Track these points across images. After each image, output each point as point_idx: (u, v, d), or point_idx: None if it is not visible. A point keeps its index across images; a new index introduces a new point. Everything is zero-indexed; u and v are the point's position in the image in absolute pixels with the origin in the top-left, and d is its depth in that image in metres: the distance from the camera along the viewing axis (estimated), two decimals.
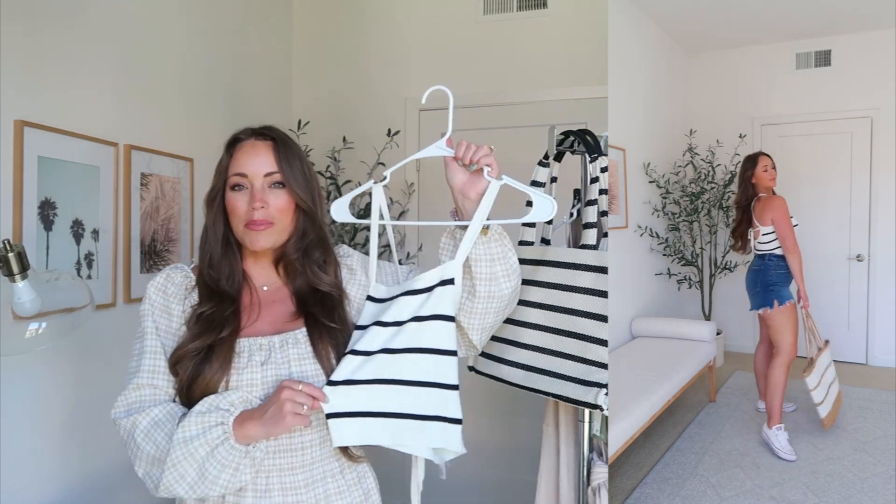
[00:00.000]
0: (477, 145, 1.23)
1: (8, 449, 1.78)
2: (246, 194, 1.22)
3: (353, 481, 1.27)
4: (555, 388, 1.45)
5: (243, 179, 1.22)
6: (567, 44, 3.08)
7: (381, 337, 1.20)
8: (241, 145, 1.26)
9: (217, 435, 1.11)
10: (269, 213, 1.22)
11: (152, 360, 1.20)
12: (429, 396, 1.19)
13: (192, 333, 1.20)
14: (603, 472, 1.59)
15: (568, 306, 1.44)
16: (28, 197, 1.81)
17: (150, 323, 1.22)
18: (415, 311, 1.21)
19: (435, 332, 1.19)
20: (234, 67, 2.85)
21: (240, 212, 1.22)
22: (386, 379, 1.18)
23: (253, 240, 1.22)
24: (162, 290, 1.25)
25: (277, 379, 1.18)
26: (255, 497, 1.17)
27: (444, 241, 1.29)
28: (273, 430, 1.11)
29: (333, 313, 1.25)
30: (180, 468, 1.11)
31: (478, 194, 1.23)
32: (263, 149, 1.24)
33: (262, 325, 1.24)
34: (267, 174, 1.22)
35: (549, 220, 1.55)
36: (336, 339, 1.23)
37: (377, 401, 1.17)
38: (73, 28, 1.99)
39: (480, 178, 1.23)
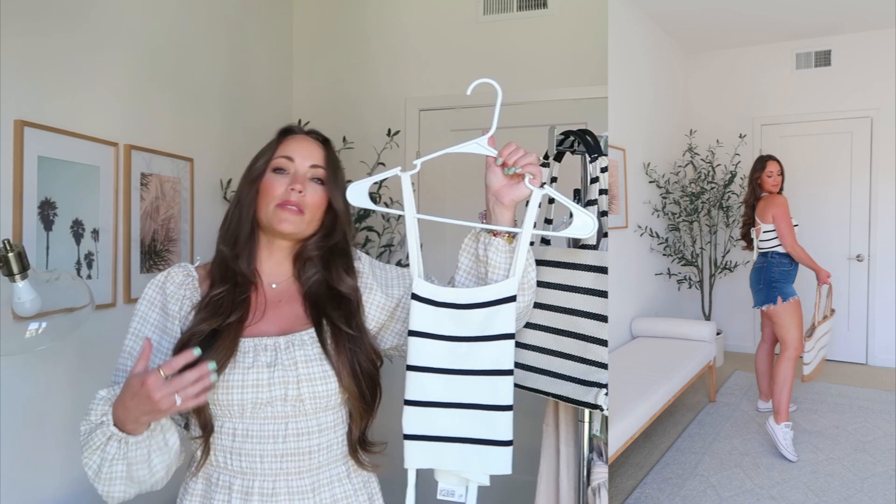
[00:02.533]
0: (525, 151, 1.18)
1: (8, 449, 1.78)
2: (286, 178, 1.23)
3: (359, 486, 1.26)
4: (555, 388, 1.45)
5: (289, 163, 1.24)
6: (567, 44, 3.08)
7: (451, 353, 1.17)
8: (293, 135, 1.29)
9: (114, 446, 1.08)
10: (304, 200, 1.22)
11: (133, 343, 1.22)
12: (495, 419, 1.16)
13: (200, 317, 1.19)
14: (603, 472, 1.59)
15: (568, 306, 1.44)
16: (28, 197, 1.81)
17: (136, 323, 1.23)
18: (481, 327, 1.17)
19: (505, 351, 1.16)
20: (234, 67, 2.85)
21: (276, 192, 1.22)
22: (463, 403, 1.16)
23: (282, 218, 1.21)
24: (161, 289, 1.25)
25: (285, 381, 1.16)
26: (261, 501, 1.16)
27: (467, 242, 1.26)
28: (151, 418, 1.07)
29: (351, 319, 1.23)
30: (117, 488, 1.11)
31: (512, 201, 1.19)
32: (314, 144, 1.28)
33: (267, 325, 1.22)
34: (313, 165, 1.25)
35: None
36: (349, 345, 1.21)
37: (452, 425, 1.16)
38: (73, 28, 1.99)
39: (518, 184, 1.18)
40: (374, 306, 1.30)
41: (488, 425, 1.15)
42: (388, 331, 1.32)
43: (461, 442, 1.16)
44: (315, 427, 1.19)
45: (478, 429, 1.16)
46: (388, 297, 1.31)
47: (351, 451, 1.24)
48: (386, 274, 1.35)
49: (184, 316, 1.23)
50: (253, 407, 1.16)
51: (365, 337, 1.24)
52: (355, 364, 1.20)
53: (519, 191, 1.19)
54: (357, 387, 1.20)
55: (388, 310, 1.31)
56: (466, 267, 1.27)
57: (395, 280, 1.34)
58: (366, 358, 1.22)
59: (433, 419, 1.16)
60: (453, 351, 1.17)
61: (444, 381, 1.17)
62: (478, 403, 1.16)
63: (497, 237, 1.21)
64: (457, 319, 1.18)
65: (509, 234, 1.21)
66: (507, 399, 1.16)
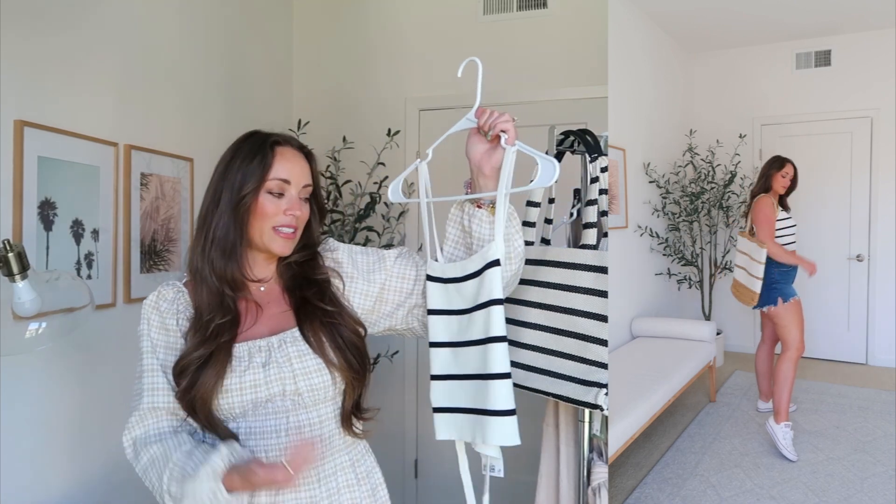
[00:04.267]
0: (499, 112, 1.20)
1: (8, 449, 1.78)
2: (282, 201, 1.23)
3: (363, 475, 1.29)
4: (555, 388, 1.45)
5: (286, 187, 1.23)
6: (567, 44, 3.08)
7: (459, 326, 1.22)
8: (281, 151, 1.24)
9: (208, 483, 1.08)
10: (299, 221, 1.25)
11: (151, 379, 1.21)
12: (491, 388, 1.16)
13: (193, 343, 1.20)
14: (603, 472, 1.59)
15: (568, 306, 1.44)
16: (28, 197, 1.81)
17: (146, 343, 1.24)
18: (474, 296, 1.20)
19: (493, 318, 1.17)
20: (234, 67, 2.85)
21: (272, 215, 1.22)
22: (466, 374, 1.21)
23: (282, 245, 1.24)
24: (156, 308, 1.26)
25: (281, 377, 1.19)
26: (268, 494, 1.18)
27: (453, 211, 1.28)
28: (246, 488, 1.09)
29: (324, 296, 1.27)
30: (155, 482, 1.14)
31: (492, 168, 1.21)
32: (303, 160, 1.27)
33: (260, 327, 1.25)
34: (305, 185, 1.26)
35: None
36: (327, 319, 1.24)
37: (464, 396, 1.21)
38: (73, 28, 1.99)
39: (496, 150, 1.20)
40: (357, 294, 1.31)
41: (486, 395, 1.17)
42: (378, 314, 1.33)
43: (470, 413, 1.20)
44: (316, 419, 1.21)
45: (478, 399, 1.18)
46: (369, 282, 1.31)
47: (344, 420, 1.25)
48: (366, 258, 1.35)
49: (182, 328, 1.24)
50: (254, 406, 1.19)
51: (343, 311, 1.27)
52: (336, 336, 1.23)
53: (497, 156, 1.20)
54: (343, 357, 1.23)
55: (372, 296, 1.31)
56: (454, 237, 1.29)
57: (376, 264, 1.34)
58: (348, 329, 1.25)
59: (453, 392, 1.22)
60: (460, 323, 1.22)
61: (453, 354, 1.22)
62: (475, 374, 1.19)
63: (481, 209, 1.23)
64: (461, 293, 1.22)
65: (492, 206, 1.22)
66: (501, 367, 1.16)
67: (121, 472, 2.11)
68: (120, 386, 1.24)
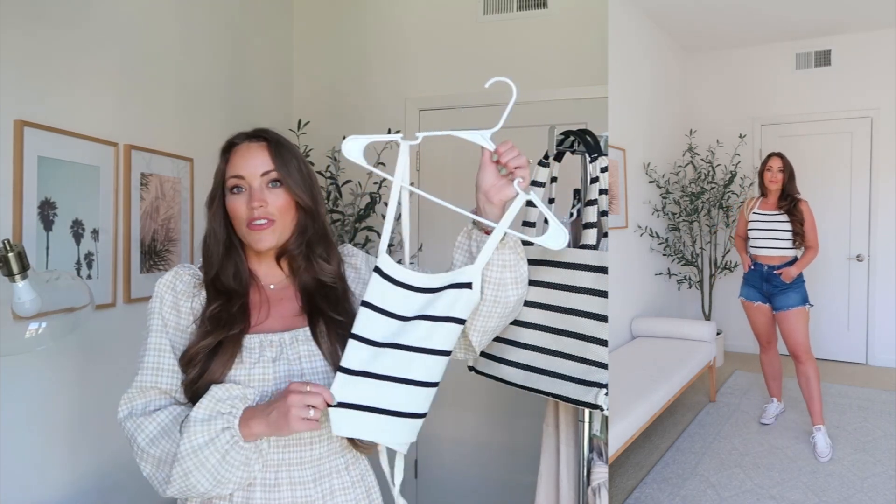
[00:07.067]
0: (519, 152, 1.22)
1: (8, 449, 1.78)
2: (245, 196, 1.23)
3: (357, 478, 1.29)
4: (555, 388, 1.45)
5: (241, 181, 1.24)
6: (567, 44, 3.08)
7: (388, 329, 1.18)
8: (235, 149, 1.27)
9: (226, 440, 1.11)
10: (269, 211, 1.23)
11: (156, 358, 1.20)
12: (424, 395, 1.18)
13: (202, 332, 1.20)
14: (603, 472, 1.59)
15: (568, 306, 1.44)
16: (28, 197, 1.81)
17: (156, 320, 1.23)
18: (421, 308, 1.19)
19: (447, 333, 1.18)
20: (234, 67, 2.85)
21: (241, 214, 1.23)
22: (396, 377, 1.16)
23: (256, 239, 1.23)
24: (171, 288, 1.25)
25: (289, 376, 1.19)
26: (263, 492, 1.18)
27: (461, 239, 1.30)
28: (278, 433, 1.11)
29: (338, 305, 1.27)
30: (192, 478, 1.11)
31: (501, 201, 1.23)
32: (258, 150, 1.25)
33: (273, 322, 1.25)
34: (264, 173, 1.24)
35: None
36: (340, 331, 1.23)
37: (384, 398, 1.16)
38: (73, 28, 1.99)
39: (508, 185, 1.22)
40: None
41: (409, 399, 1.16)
42: None
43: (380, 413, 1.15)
44: None
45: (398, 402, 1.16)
46: None
47: None
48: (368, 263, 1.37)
49: (196, 311, 1.24)
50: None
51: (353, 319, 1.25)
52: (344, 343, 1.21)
53: (508, 191, 1.22)
54: None
55: None
56: (461, 264, 1.29)
57: None
58: None
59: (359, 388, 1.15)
60: (388, 327, 1.19)
61: (373, 354, 1.17)
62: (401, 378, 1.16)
63: (489, 234, 1.24)
64: (406, 300, 1.21)
65: None
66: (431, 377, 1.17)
67: (121, 472, 2.11)
68: (120, 386, 1.23)
